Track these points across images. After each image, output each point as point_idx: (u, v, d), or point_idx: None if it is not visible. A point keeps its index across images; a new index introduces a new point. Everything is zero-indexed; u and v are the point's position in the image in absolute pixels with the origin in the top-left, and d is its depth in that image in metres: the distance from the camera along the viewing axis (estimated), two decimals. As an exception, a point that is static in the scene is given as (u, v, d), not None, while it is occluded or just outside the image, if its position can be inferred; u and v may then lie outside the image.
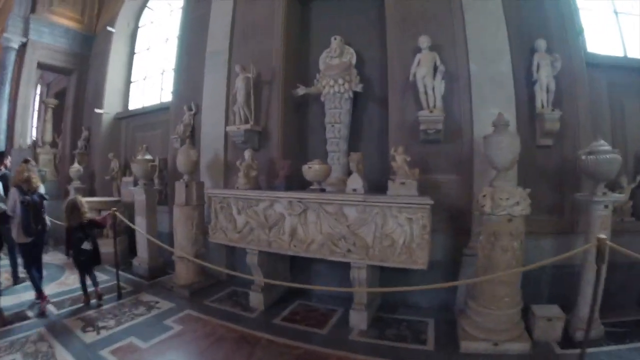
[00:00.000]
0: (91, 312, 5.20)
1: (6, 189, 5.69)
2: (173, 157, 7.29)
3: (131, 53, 10.74)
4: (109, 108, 10.10)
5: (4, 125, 10.00)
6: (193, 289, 5.98)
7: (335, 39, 6.18)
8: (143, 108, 9.76)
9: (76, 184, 9.26)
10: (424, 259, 4.38)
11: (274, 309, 5.33)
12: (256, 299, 5.38)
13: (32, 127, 11.06)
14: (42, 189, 5.44)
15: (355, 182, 4.85)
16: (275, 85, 6.53)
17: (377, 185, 5.22)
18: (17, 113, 10.18)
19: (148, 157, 7.06)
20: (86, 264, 5.46)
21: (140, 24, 10.88)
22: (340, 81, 5.98)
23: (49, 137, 10.66)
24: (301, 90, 6.25)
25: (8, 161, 7.08)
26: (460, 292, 5.02)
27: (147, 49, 10.56)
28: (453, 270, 5.14)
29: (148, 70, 10.40)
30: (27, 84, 10.37)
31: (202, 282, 6.21)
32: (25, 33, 10.13)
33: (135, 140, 9.63)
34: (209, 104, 7.21)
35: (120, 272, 6.13)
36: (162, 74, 9.80)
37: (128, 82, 10.60)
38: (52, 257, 7.92)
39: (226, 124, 6.79)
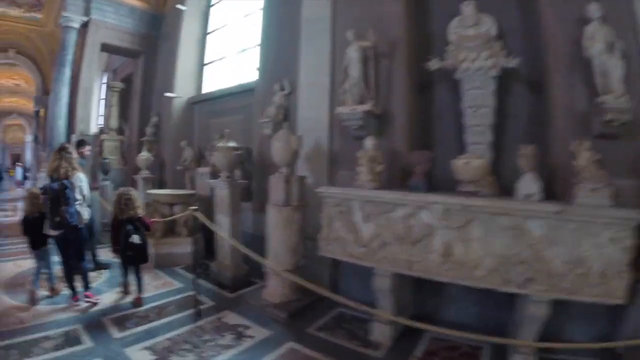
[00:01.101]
0: (163, 340, 4.15)
1: None
2: (260, 145, 6.27)
3: (204, 33, 9.85)
4: (180, 92, 9.25)
5: (64, 110, 9.61)
6: (290, 309, 4.78)
7: (468, 5, 4.79)
8: (220, 91, 8.72)
9: (145, 173, 8.61)
10: (623, 291, 3.21)
11: (402, 345, 4.09)
12: (381, 332, 4.14)
13: (96, 113, 10.41)
14: (77, 179, 5.02)
15: (531, 185, 3.60)
16: (398, 57, 5.15)
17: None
18: (78, 97, 9.68)
19: (232, 144, 5.97)
20: (133, 259, 5.11)
21: (212, 1, 9.96)
22: (485, 55, 4.60)
23: (115, 123, 9.98)
24: (435, 64, 4.85)
25: (87, 149, 6.68)
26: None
27: (223, 27, 9.58)
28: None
29: (224, 51, 9.40)
30: (89, 65, 9.87)
31: (301, 300, 4.99)
32: (87, 12, 9.72)
33: (210, 126, 8.68)
34: (307, 81, 5.99)
35: (192, 276, 5.20)
36: (242, 52, 8.74)
37: (201, 64, 9.70)
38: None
39: (332, 105, 5.53)
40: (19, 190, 23.50)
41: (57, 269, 5.43)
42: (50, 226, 4.86)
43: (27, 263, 7.16)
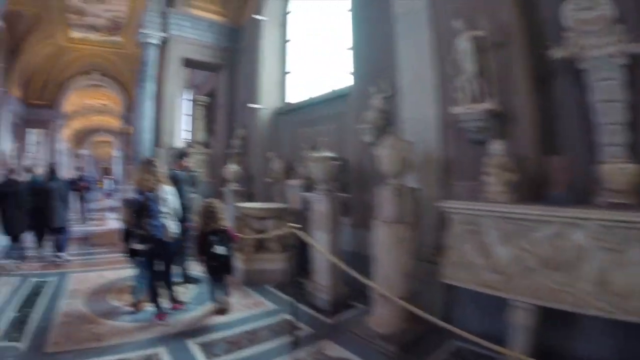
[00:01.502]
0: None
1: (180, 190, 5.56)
2: (358, 154, 5.73)
3: (283, 41, 9.68)
4: (265, 103, 9.05)
5: (148, 123, 9.76)
6: (401, 342, 4.15)
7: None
8: (309, 100, 8.38)
9: (233, 186, 8.43)
10: None
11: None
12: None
13: (181, 127, 10.47)
14: (163, 191, 4.98)
15: None
16: (514, 47, 4.45)
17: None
18: (163, 111, 9.80)
19: (329, 154, 5.52)
20: (218, 270, 5.11)
21: (289, 9, 9.75)
22: (609, 40, 3.77)
23: (201, 136, 9.97)
24: (558, 52, 4.08)
25: (186, 162, 6.77)
26: None
27: (303, 34, 9.31)
28: None
29: (307, 58, 9.09)
30: (172, 80, 9.97)
31: (411, 331, 4.31)
32: (165, 28, 9.90)
33: (298, 137, 8.35)
34: (409, 80, 5.39)
35: (285, 297, 5.26)
36: (329, 58, 8.33)
37: (283, 73, 9.49)
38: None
39: (441, 104, 4.91)
40: (107, 201, 25.01)
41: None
42: (136, 240, 4.88)
43: (111, 274, 7.20)
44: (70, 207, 9.05)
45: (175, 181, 5.65)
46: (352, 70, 6.75)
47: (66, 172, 23.33)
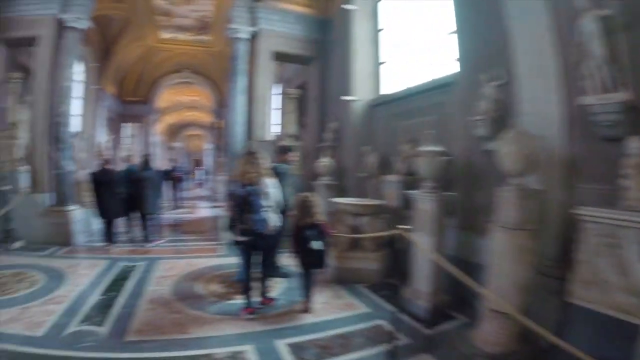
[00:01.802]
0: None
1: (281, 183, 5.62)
2: (467, 148, 5.51)
3: (375, 30, 9.34)
4: (359, 95, 8.80)
5: (240, 118, 9.92)
6: (509, 362, 3.79)
7: None
8: (405, 90, 7.99)
9: (325, 180, 8.44)
10: None
11: None
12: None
13: (271, 121, 10.67)
14: (265, 184, 4.97)
15: None
16: None
17: None
18: (254, 104, 9.95)
19: (436, 148, 5.17)
20: (313, 265, 5.11)
21: None
22: None
23: (293, 130, 9.97)
24: None
25: (291, 156, 6.94)
26: None
27: (396, 22, 8.90)
28: None
29: (402, 47, 8.67)
30: (263, 74, 10.11)
31: (522, 351, 3.87)
32: (254, 22, 10.01)
33: (394, 130, 8.06)
34: (526, 66, 4.85)
35: (379, 300, 5.22)
36: (427, 45, 7.82)
37: (377, 63, 9.19)
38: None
39: (568, 94, 4.34)
40: (198, 191, 26.46)
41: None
42: (237, 232, 4.91)
43: (200, 262, 7.47)
44: (162, 196, 9.93)
45: (277, 174, 5.64)
46: (457, 56, 6.30)
47: (161, 163, 25.00)
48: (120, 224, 9.35)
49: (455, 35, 6.33)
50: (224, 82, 21.60)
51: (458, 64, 6.26)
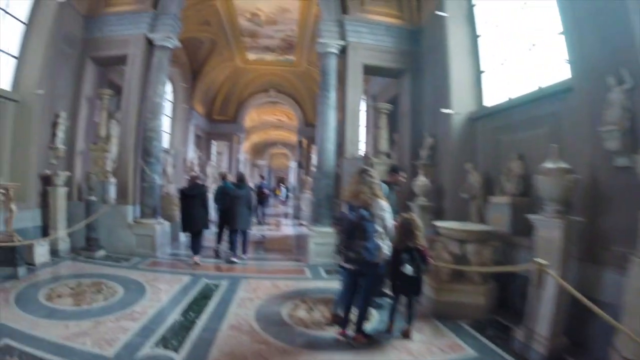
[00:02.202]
0: None
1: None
2: (594, 165, 4.68)
3: (473, 37, 8.50)
4: (458, 107, 8.04)
5: (332, 134, 9.56)
6: None
7: None
8: (510, 100, 7.09)
9: (421, 200, 7.90)
10: None
11: None
12: None
13: (362, 137, 10.11)
14: (379, 207, 4.50)
15: None
16: None
17: None
18: (346, 120, 9.55)
19: (563, 165, 4.41)
20: (403, 290, 4.84)
21: (474, 1, 8.58)
22: None
23: (384, 146, 9.46)
24: None
25: (402, 176, 6.64)
26: None
27: (494, 26, 8.07)
28: None
29: (503, 54, 7.78)
30: (353, 88, 9.68)
31: None
32: (342, 36, 9.71)
33: (499, 145, 7.20)
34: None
35: (486, 341, 4.65)
36: (532, 48, 6.87)
37: (477, 72, 8.33)
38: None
39: None
40: (282, 208, 26.80)
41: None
42: (343, 258, 4.53)
43: (286, 284, 7.00)
44: (254, 213, 10.33)
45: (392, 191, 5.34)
46: (567, 59, 5.45)
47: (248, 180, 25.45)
48: (208, 238, 9.51)
49: (563, 36, 5.52)
50: (309, 102, 22.05)
51: (569, 67, 5.43)
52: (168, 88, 17.35)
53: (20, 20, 8.50)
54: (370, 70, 10.05)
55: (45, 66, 8.65)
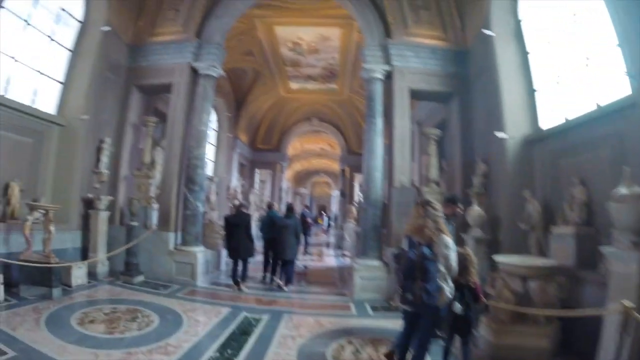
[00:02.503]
0: None
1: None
2: None
3: (523, 54, 7.98)
4: (512, 131, 7.46)
5: (379, 162, 9.16)
6: None
7: None
8: (565, 122, 6.53)
9: (476, 232, 7.34)
10: None
11: None
12: None
13: (410, 165, 9.57)
14: (443, 244, 3.93)
15: None
16: None
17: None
18: (394, 147, 9.10)
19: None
20: (453, 329, 4.46)
21: (520, 16, 8.11)
22: None
23: (434, 174, 8.99)
24: None
25: (459, 207, 6.01)
26: None
27: (547, 42, 7.53)
28: None
29: (557, 71, 7.23)
30: (401, 114, 9.24)
31: None
32: (387, 60, 9.47)
33: (558, 170, 6.60)
34: None
35: None
36: (586, 65, 6.29)
37: (530, 92, 7.77)
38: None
39: None
40: (324, 237, 26.37)
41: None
42: (400, 299, 4.09)
43: (331, 321, 6.51)
44: (300, 243, 10.00)
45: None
46: (627, 72, 4.98)
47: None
48: (252, 267, 9.51)
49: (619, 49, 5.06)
50: (351, 130, 22.00)
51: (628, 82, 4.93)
52: (212, 117, 17.67)
53: (65, 47, 8.82)
54: (417, 95, 9.69)
55: (90, 92, 8.90)
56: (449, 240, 3.98)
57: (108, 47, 9.34)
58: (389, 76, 9.50)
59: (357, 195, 23.12)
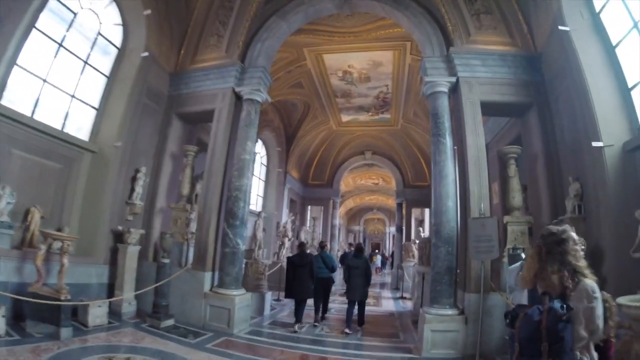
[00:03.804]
0: None
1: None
2: None
3: (609, 48, 6.60)
4: (607, 138, 5.94)
5: (451, 189, 7.67)
6: None
7: None
8: None
9: None
10: None
11: None
12: None
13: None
14: (586, 294, 2.52)
15: None
16: None
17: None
18: (468, 170, 7.61)
19: None
20: None
21: (596, 6, 6.78)
22: None
23: (517, 200, 7.48)
24: None
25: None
26: None
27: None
28: None
29: None
30: (474, 130, 7.82)
31: None
32: (451, 71, 8.27)
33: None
34: None
35: None
36: None
37: (625, 90, 6.24)
38: None
39: None
40: (378, 277, 24.70)
41: None
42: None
43: None
44: (370, 283, 9.41)
45: None
46: None
47: (343, 246, 24.12)
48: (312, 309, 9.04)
49: None
50: (407, 161, 20.81)
51: None
52: (260, 148, 17.11)
53: (101, 73, 8.40)
54: (487, 109, 8.23)
55: (125, 119, 8.33)
56: (594, 285, 2.59)
57: (147, 74, 8.86)
58: (454, 89, 8.31)
59: (417, 231, 21.55)
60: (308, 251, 9.51)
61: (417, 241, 14.78)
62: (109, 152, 7.99)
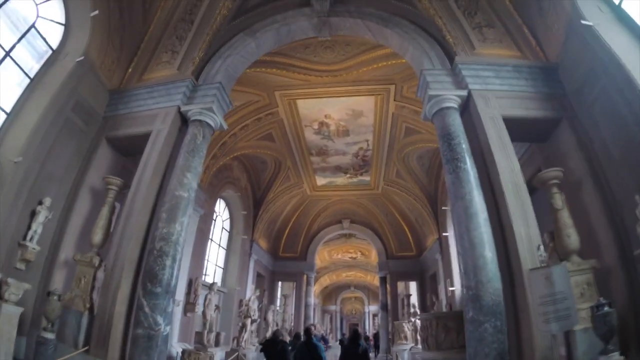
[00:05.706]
0: None
1: None
2: None
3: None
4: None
5: (485, 232, 5.29)
6: None
7: None
8: None
9: None
10: None
11: None
12: None
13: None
14: None
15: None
16: None
17: None
18: (506, 203, 5.42)
19: None
20: None
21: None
22: None
23: (573, 240, 5.03)
24: None
25: None
26: None
27: None
28: None
29: None
30: (502, 150, 5.92)
31: None
32: (460, 85, 6.89)
33: None
34: None
35: None
36: None
37: None
38: None
39: None
40: None
41: None
42: None
43: None
44: None
45: None
46: None
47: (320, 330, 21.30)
48: None
49: None
50: (389, 229, 18.92)
51: None
52: (223, 210, 14.76)
53: (24, 71, 6.47)
54: (510, 127, 6.20)
55: (37, 131, 6.17)
56: None
57: (79, 84, 7.06)
58: (465, 105, 6.69)
59: (408, 308, 18.86)
60: (281, 337, 7.74)
61: (414, 319, 12.46)
62: (6, 168, 5.66)
